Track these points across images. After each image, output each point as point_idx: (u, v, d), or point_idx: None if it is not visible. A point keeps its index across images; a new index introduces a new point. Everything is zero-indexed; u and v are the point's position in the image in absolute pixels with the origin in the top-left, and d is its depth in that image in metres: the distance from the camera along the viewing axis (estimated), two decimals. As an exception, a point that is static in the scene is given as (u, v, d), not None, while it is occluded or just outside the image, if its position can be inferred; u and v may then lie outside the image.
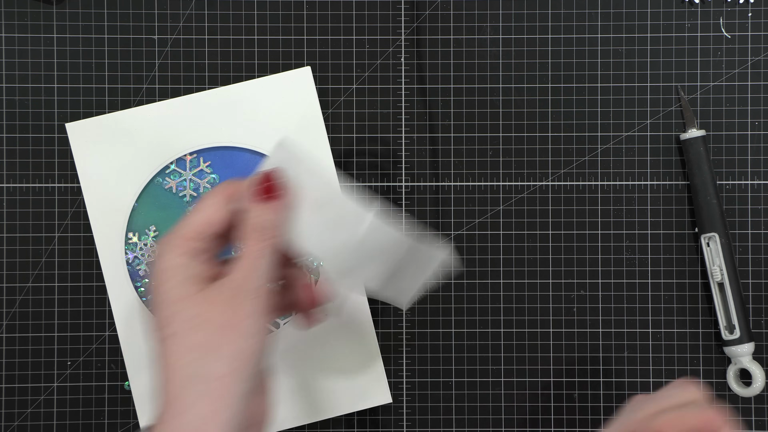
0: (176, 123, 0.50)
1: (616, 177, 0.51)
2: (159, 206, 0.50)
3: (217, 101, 0.50)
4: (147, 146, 0.50)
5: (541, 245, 0.51)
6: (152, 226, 0.50)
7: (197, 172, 0.50)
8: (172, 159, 0.50)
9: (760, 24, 0.51)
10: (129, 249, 0.50)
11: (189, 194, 0.50)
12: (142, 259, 0.50)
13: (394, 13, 0.52)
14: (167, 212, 0.50)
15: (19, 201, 0.51)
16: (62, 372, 0.51)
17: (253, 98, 0.50)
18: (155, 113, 0.50)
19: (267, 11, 0.52)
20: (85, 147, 0.50)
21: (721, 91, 0.51)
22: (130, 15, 0.51)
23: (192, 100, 0.50)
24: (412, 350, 0.51)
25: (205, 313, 0.36)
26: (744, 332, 0.49)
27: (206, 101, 0.50)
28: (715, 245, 0.50)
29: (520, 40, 0.51)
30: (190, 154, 0.50)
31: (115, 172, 0.50)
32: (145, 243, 0.50)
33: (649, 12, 0.51)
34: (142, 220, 0.50)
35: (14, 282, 0.51)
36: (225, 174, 0.50)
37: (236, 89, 0.51)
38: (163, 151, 0.50)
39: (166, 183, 0.50)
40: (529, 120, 0.51)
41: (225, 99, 0.50)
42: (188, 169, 0.50)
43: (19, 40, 0.51)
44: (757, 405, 0.51)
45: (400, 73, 0.51)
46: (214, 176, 0.50)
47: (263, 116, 0.50)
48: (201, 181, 0.50)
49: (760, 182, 0.51)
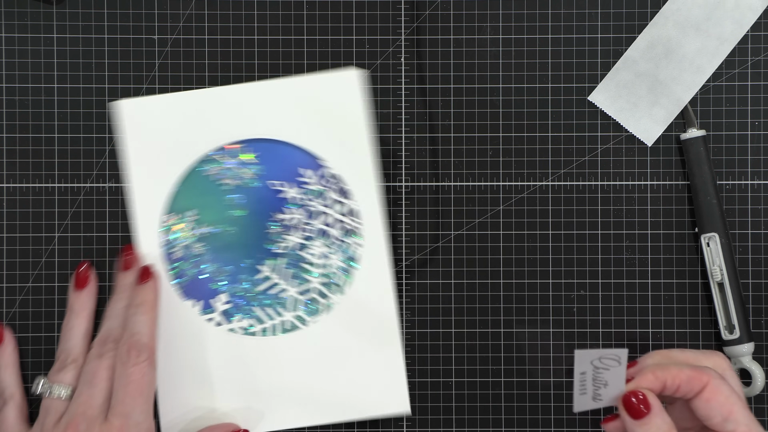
0: (223, 111, 0.50)
1: (616, 177, 0.51)
2: (199, 192, 0.50)
3: (264, 93, 0.50)
4: (194, 131, 0.50)
5: (541, 245, 0.51)
6: (191, 210, 0.50)
7: (240, 162, 0.50)
8: (217, 146, 0.50)
9: (760, 24, 0.51)
10: (165, 231, 0.50)
11: (231, 183, 0.50)
12: (176, 243, 0.50)
13: (394, 13, 0.52)
14: (207, 198, 0.50)
15: (19, 201, 0.51)
16: (62, 372, 0.51)
17: (299, 94, 0.50)
18: (205, 99, 0.50)
19: (267, 11, 0.52)
20: (135, 125, 0.50)
21: (721, 91, 0.51)
22: (130, 15, 0.51)
23: (241, 90, 0.50)
24: (412, 350, 0.51)
25: None
26: (744, 332, 0.49)
27: (254, 92, 0.50)
28: (715, 245, 0.50)
29: (520, 40, 0.51)
30: (235, 143, 0.50)
31: (161, 153, 0.50)
32: (183, 227, 0.50)
33: (648, 12, 0.51)
34: (182, 203, 0.50)
35: (14, 282, 0.51)
36: (267, 166, 0.50)
37: (284, 83, 0.50)
38: (209, 137, 0.50)
39: (209, 170, 0.50)
40: (529, 120, 0.51)
41: (273, 92, 0.50)
42: (232, 158, 0.50)
43: (19, 40, 0.51)
44: (757, 405, 0.51)
45: (400, 73, 0.51)
46: (257, 167, 0.50)
47: (308, 113, 0.50)
48: (243, 171, 0.50)
49: (760, 182, 0.51)
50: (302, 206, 0.50)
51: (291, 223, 0.50)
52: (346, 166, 0.50)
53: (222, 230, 0.50)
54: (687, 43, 0.51)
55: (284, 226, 0.50)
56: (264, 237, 0.50)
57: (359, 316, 0.50)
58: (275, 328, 0.50)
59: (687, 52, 0.51)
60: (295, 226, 0.50)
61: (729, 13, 0.51)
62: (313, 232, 0.50)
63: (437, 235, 0.51)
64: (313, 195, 0.50)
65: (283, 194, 0.50)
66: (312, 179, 0.50)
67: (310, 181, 0.50)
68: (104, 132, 0.51)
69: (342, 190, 0.50)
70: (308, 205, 0.50)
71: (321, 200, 0.50)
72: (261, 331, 0.50)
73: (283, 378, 0.50)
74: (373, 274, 0.50)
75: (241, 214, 0.50)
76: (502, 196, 0.51)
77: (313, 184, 0.50)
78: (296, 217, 0.50)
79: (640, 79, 0.51)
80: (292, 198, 0.50)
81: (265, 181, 0.50)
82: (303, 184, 0.50)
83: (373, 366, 0.50)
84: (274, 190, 0.50)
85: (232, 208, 0.50)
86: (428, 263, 0.51)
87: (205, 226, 0.50)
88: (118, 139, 0.51)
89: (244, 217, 0.50)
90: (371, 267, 0.50)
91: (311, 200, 0.50)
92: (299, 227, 0.50)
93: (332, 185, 0.50)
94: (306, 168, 0.50)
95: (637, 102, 0.51)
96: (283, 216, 0.50)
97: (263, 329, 0.50)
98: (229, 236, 0.50)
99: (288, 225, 0.50)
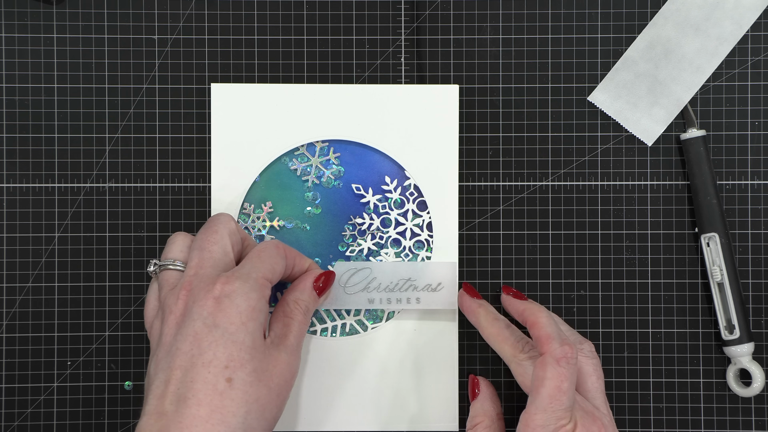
0: (313, 108, 0.51)
1: (616, 177, 0.51)
2: (279, 185, 0.51)
3: (357, 97, 0.51)
4: (282, 124, 0.50)
5: (541, 245, 0.51)
6: (269, 201, 0.50)
7: (324, 161, 0.51)
8: (303, 143, 0.50)
9: (760, 24, 0.51)
10: (241, 219, 0.50)
11: (312, 180, 0.50)
12: (251, 231, 0.50)
13: (394, 13, 0.52)
14: (286, 192, 0.51)
15: (19, 201, 0.51)
16: (62, 372, 0.51)
17: (395, 102, 0.50)
18: (296, 94, 0.51)
19: (267, 11, 0.52)
20: (225, 110, 0.51)
21: (721, 91, 0.51)
22: (130, 15, 0.51)
23: (333, 90, 0.51)
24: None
25: (267, 371, 0.42)
26: (744, 332, 0.49)
27: (346, 94, 0.51)
28: (715, 245, 0.50)
29: (520, 40, 0.52)
30: (321, 141, 0.50)
31: (247, 142, 0.50)
32: (258, 216, 0.50)
33: (648, 12, 0.51)
34: (261, 194, 0.50)
35: (14, 282, 0.51)
36: (351, 168, 0.51)
37: (379, 90, 0.51)
38: (296, 132, 0.50)
39: (292, 164, 0.51)
40: (529, 120, 0.51)
41: (366, 97, 0.51)
42: (317, 155, 0.51)
43: (19, 40, 0.51)
44: (757, 405, 0.51)
45: (400, 73, 0.51)
46: (340, 168, 0.51)
47: (401, 122, 0.50)
48: (326, 170, 0.50)
49: (760, 182, 0.51)
50: (380, 213, 0.50)
51: (365, 228, 0.50)
52: (429, 179, 0.50)
53: (295, 226, 0.50)
54: (686, 44, 0.51)
55: (359, 231, 0.50)
56: (338, 238, 0.50)
57: (420, 329, 0.50)
58: (335, 329, 0.50)
59: (686, 52, 0.51)
60: (368, 232, 0.50)
61: (728, 13, 0.51)
62: (385, 239, 0.50)
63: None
64: (392, 203, 0.50)
65: (364, 199, 0.50)
66: (394, 188, 0.50)
67: (391, 190, 0.50)
68: (104, 132, 0.51)
69: (420, 203, 0.50)
70: (385, 213, 0.50)
71: (399, 210, 0.50)
72: (321, 330, 0.50)
73: (336, 380, 0.50)
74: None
75: (317, 212, 0.50)
76: (502, 196, 0.51)
77: (394, 193, 0.50)
78: (372, 223, 0.50)
79: (640, 80, 0.51)
80: (371, 203, 0.50)
81: (347, 183, 0.50)
82: (384, 191, 0.50)
83: (427, 381, 0.50)
84: (354, 194, 0.50)
85: (309, 205, 0.50)
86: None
87: (279, 219, 0.50)
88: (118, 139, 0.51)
89: (320, 215, 0.50)
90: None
91: (389, 208, 0.50)
92: (373, 233, 0.50)
93: (412, 197, 0.50)
94: (389, 176, 0.50)
95: (637, 102, 0.51)
96: (361, 220, 0.50)
97: (323, 329, 0.50)
98: (302, 233, 0.50)
99: (363, 230, 0.50)
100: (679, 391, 0.51)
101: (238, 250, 0.46)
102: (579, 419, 0.42)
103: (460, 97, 0.51)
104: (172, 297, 0.43)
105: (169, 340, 0.42)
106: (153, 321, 0.45)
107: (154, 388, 0.41)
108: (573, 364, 0.42)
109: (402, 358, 0.50)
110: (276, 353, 0.43)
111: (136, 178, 0.51)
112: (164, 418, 0.39)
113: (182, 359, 0.40)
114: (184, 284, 0.43)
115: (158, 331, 0.43)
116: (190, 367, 0.40)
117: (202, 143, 0.51)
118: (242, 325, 0.41)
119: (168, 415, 0.39)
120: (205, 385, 0.40)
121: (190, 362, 0.40)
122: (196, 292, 0.42)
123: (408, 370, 0.50)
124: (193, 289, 0.43)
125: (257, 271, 0.43)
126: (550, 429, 0.41)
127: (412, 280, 0.50)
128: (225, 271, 0.44)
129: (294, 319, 0.45)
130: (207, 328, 0.41)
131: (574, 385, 0.42)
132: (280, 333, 0.44)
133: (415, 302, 0.50)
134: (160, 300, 0.44)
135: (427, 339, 0.50)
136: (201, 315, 0.41)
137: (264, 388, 0.41)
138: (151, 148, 0.51)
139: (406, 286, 0.50)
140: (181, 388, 0.40)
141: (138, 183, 0.51)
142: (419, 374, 0.50)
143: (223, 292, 0.42)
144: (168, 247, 0.46)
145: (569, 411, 0.42)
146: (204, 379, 0.40)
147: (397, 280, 0.50)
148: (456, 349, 0.50)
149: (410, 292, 0.50)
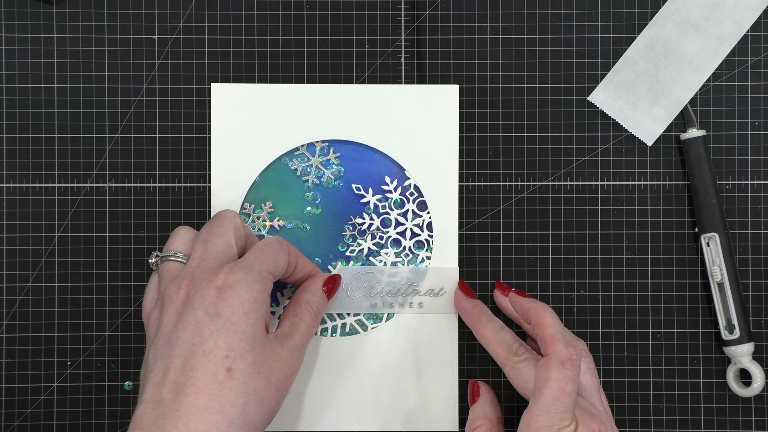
0: (313, 108, 0.51)
1: (616, 177, 0.51)
2: (279, 185, 0.51)
3: (357, 97, 0.51)
4: (282, 124, 0.50)
5: (541, 245, 0.51)
6: (269, 201, 0.50)
7: (324, 161, 0.51)
8: (303, 143, 0.50)
9: (760, 24, 0.51)
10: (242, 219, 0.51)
11: (312, 180, 0.50)
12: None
13: (394, 13, 0.52)
14: (286, 192, 0.51)
15: (19, 201, 0.51)
16: (62, 372, 0.51)
17: (395, 102, 0.51)
18: (296, 94, 0.51)
19: (267, 11, 0.52)
20: (225, 110, 0.51)
21: (721, 91, 0.51)
22: (130, 15, 0.51)
23: (333, 90, 0.51)
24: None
25: (266, 364, 0.41)
26: (744, 332, 0.49)
27: (346, 94, 0.51)
28: (715, 245, 0.50)
29: (520, 40, 0.52)
30: (321, 141, 0.50)
31: (247, 142, 0.50)
32: (258, 216, 0.50)
33: (648, 12, 0.51)
34: (261, 194, 0.51)
35: (14, 282, 0.51)
36: (351, 168, 0.51)
37: (379, 90, 0.51)
38: (296, 132, 0.51)
39: (292, 164, 0.51)
40: (529, 120, 0.51)
41: (366, 97, 0.51)
42: (317, 155, 0.51)
43: (19, 40, 0.51)
44: (757, 405, 0.51)
45: (400, 73, 0.51)
46: (340, 168, 0.51)
47: (401, 122, 0.50)
48: (326, 170, 0.51)
49: (760, 182, 0.51)
50: (380, 213, 0.50)
51: (365, 228, 0.50)
52: (429, 179, 0.50)
53: (295, 226, 0.50)
54: (686, 44, 0.51)
55: (359, 230, 0.50)
56: (338, 238, 0.50)
57: (420, 329, 0.50)
58: (335, 329, 0.50)
59: (686, 52, 0.51)
60: (368, 232, 0.50)
61: (728, 13, 0.51)
62: (385, 239, 0.50)
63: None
64: (392, 203, 0.50)
65: (364, 199, 0.50)
66: (394, 188, 0.50)
67: (391, 190, 0.50)
68: (104, 132, 0.51)
69: (420, 203, 0.50)
70: (385, 213, 0.50)
71: (399, 210, 0.50)
72: (321, 330, 0.50)
73: (336, 380, 0.50)
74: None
75: (317, 212, 0.50)
76: (502, 196, 0.51)
77: (394, 192, 0.50)
78: (372, 223, 0.50)
79: (640, 80, 0.51)
80: (371, 203, 0.50)
81: (347, 183, 0.50)
82: (384, 191, 0.50)
83: (427, 380, 0.50)
84: (354, 194, 0.50)
85: (309, 205, 0.50)
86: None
87: (279, 219, 0.50)
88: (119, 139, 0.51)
89: (320, 215, 0.50)
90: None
91: (389, 208, 0.50)
92: (373, 233, 0.50)
93: (412, 197, 0.50)
94: (389, 176, 0.50)
95: (637, 102, 0.51)
96: (361, 220, 0.50)
97: (323, 329, 0.50)
98: (302, 233, 0.50)
99: (363, 230, 0.50)
100: (679, 391, 0.51)
101: (241, 246, 0.46)
102: (579, 418, 0.42)
103: (460, 97, 0.51)
104: (173, 287, 0.43)
105: (168, 328, 0.42)
106: (151, 311, 0.45)
107: (152, 377, 0.40)
108: (577, 366, 0.42)
109: (402, 358, 0.50)
110: (278, 349, 0.43)
111: (136, 178, 0.51)
112: (162, 406, 0.39)
113: (182, 347, 0.40)
114: (187, 274, 0.43)
115: (156, 321, 0.43)
116: (191, 356, 0.40)
117: (202, 143, 0.51)
118: (244, 315, 0.41)
119: (166, 403, 0.39)
120: (205, 374, 0.40)
121: (190, 350, 0.40)
122: (198, 281, 0.42)
123: (408, 370, 0.50)
124: (195, 279, 0.43)
125: (260, 263, 0.43)
126: (554, 430, 0.41)
127: (415, 284, 0.50)
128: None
129: (303, 320, 0.45)
130: (209, 317, 0.41)
131: (576, 387, 0.42)
132: (287, 331, 0.44)
133: (418, 307, 0.50)
134: (160, 291, 0.44)
135: (426, 339, 0.50)
136: (203, 304, 0.41)
137: (263, 380, 0.41)
138: (151, 148, 0.51)
139: (408, 290, 0.50)
140: (180, 377, 0.40)
141: (138, 183, 0.51)
142: (419, 374, 0.50)
143: (226, 282, 0.42)
144: (171, 240, 0.46)
145: (571, 412, 0.42)
146: (204, 367, 0.40)
147: (400, 284, 0.50)
148: (456, 350, 0.50)
149: (412, 297, 0.50)
